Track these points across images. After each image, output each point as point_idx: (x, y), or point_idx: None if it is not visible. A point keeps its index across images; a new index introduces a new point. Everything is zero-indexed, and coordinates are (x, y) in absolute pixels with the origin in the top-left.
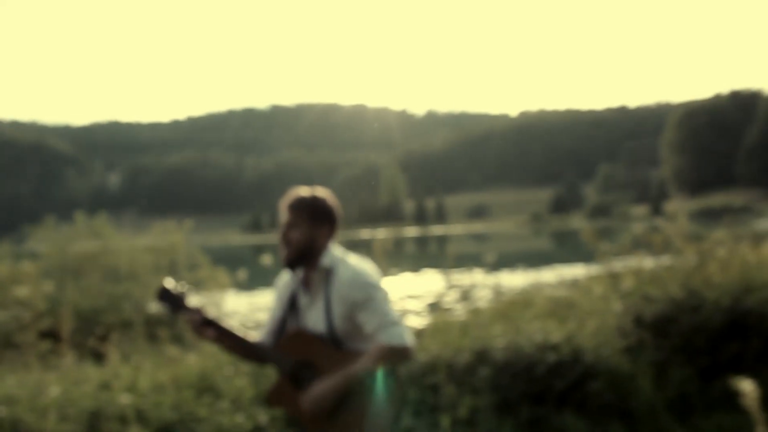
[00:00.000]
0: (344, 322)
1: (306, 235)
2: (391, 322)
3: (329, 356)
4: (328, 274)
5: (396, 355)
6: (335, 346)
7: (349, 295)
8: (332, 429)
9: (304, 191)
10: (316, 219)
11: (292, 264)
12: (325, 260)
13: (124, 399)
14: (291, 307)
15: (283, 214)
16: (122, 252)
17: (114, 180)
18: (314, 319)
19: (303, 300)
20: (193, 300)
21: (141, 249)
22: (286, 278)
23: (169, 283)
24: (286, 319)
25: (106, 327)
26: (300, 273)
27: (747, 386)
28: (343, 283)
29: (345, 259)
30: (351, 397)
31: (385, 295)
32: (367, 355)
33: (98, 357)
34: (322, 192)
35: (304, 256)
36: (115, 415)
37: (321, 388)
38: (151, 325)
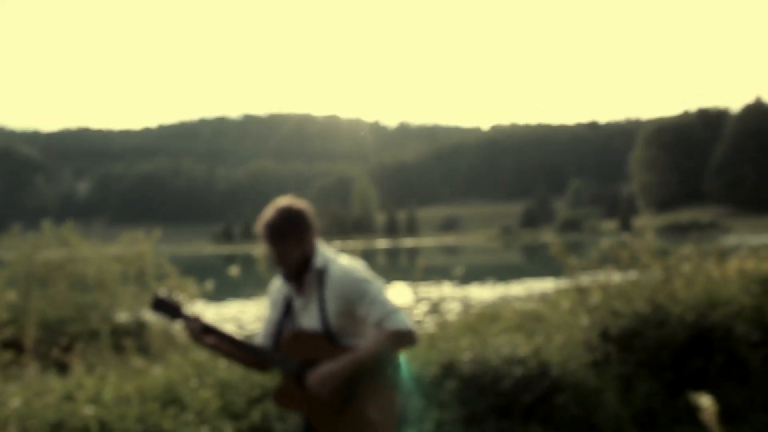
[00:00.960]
0: (339, 318)
1: (295, 252)
2: (392, 310)
3: (330, 353)
4: (321, 273)
5: (401, 339)
6: (333, 342)
7: (343, 292)
8: (341, 424)
9: (271, 213)
10: (297, 233)
11: (294, 278)
12: (318, 262)
13: (88, 410)
14: (286, 310)
15: (265, 241)
16: (90, 261)
17: (83, 187)
18: (309, 319)
19: (297, 302)
20: (189, 309)
21: (109, 258)
22: (278, 283)
23: (163, 292)
24: (282, 322)
25: (71, 337)
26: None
27: (706, 401)
28: (335, 281)
29: (335, 258)
30: (359, 391)
31: (378, 286)
32: (372, 339)
33: (62, 368)
34: (287, 203)
35: (302, 269)
36: (78, 427)
37: (328, 367)
38: (118, 335)
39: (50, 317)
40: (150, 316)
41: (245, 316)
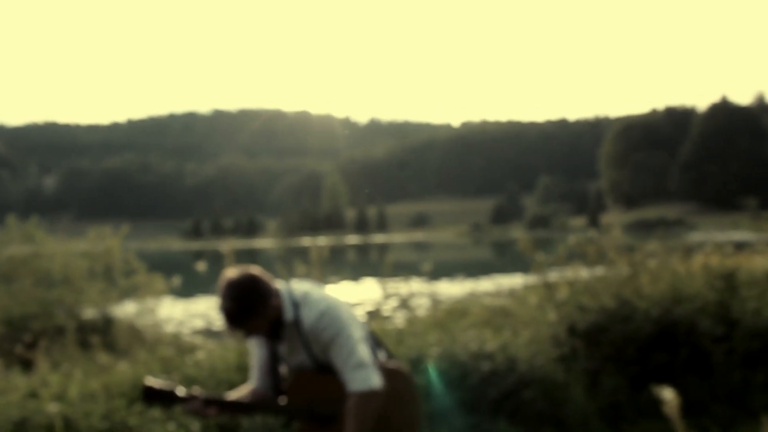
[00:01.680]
0: (326, 357)
1: (264, 323)
2: (356, 363)
3: (333, 383)
4: (296, 324)
5: (367, 399)
6: (331, 373)
7: (318, 337)
8: None
9: (223, 298)
10: (259, 308)
11: (270, 337)
12: (287, 316)
13: (52, 408)
14: (273, 356)
15: (230, 324)
16: (56, 257)
17: (50, 183)
18: (300, 360)
19: (282, 350)
20: (181, 389)
21: (75, 254)
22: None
23: (152, 381)
24: (272, 360)
25: (36, 334)
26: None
27: (668, 394)
28: (310, 329)
29: (307, 297)
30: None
31: (350, 333)
32: (348, 418)
33: (26, 365)
34: (236, 279)
35: (275, 330)
36: (43, 424)
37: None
38: (84, 332)
39: (14, 314)
40: (117, 312)
41: (214, 312)
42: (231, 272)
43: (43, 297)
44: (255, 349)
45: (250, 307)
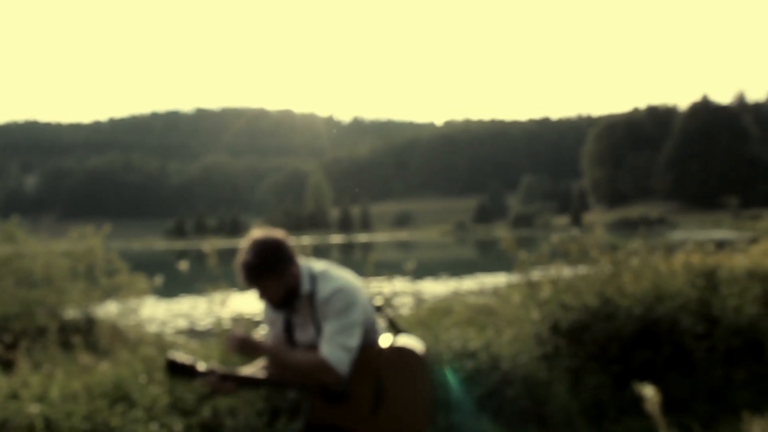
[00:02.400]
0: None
1: (280, 288)
2: (341, 343)
3: None
4: (310, 297)
5: (325, 373)
6: None
7: (326, 310)
8: (376, 425)
9: (246, 251)
10: (276, 270)
11: (282, 307)
12: (304, 288)
13: (33, 409)
14: (287, 327)
15: (246, 282)
16: (37, 257)
17: (31, 182)
18: (311, 335)
19: (296, 320)
20: (202, 364)
21: (57, 254)
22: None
23: (175, 355)
24: (288, 334)
25: (17, 334)
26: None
27: (649, 392)
28: (323, 303)
29: (325, 274)
30: (388, 392)
31: (354, 318)
32: (306, 355)
33: (7, 366)
34: (262, 237)
35: (289, 299)
36: (24, 425)
37: (251, 338)
38: (66, 332)
39: None
40: (100, 312)
41: (197, 312)
42: (258, 232)
43: (25, 297)
44: (269, 328)
45: (272, 265)
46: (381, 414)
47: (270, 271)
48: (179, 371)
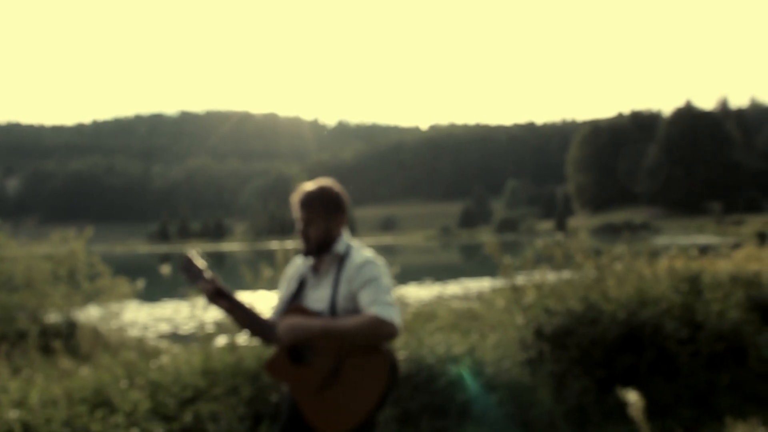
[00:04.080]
0: (346, 301)
1: (322, 228)
2: (386, 301)
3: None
4: (342, 259)
5: (381, 328)
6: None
7: (356, 276)
8: (320, 403)
9: (311, 186)
10: (329, 211)
11: (313, 255)
12: (340, 247)
13: (12, 414)
14: (299, 287)
15: (297, 211)
16: (18, 260)
17: (13, 185)
18: (317, 298)
19: (311, 281)
20: (209, 273)
21: (38, 257)
22: (298, 262)
23: (194, 255)
24: (292, 300)
25: None
26: (311, 259)
27: (632, 397)
28: (353, 266)
29: (360, 248)
30: (342, 373)
31: (388, 282)
32: (355, 317)
33: None
34: (328, 183)
35: (323, 247)
36: (2, 431)
37: (299, 321)
38: (47, 336)
39: None
40: (81, 316)
41: (179, 317)
42: (326, 179)
43: (5, 301)
44: (283, 290)
45: (328, 202)
46: (325, 394)
47: (324, 207)
48: (188, 270)
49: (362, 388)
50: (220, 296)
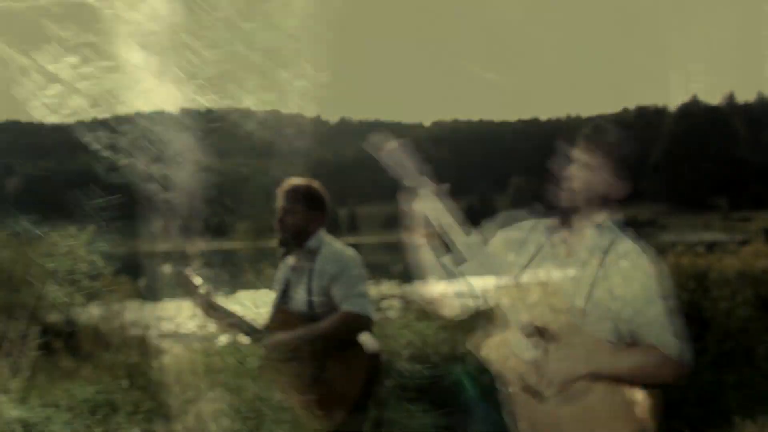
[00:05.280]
0: (321, 296)
1: (300, 220)
2: (358, 293)
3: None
4: (313, 254)
5: (356, 322)
6: (312, 322)
7: (327, 269)
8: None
9: (298, 180)
10: (309, 206)
11: (285, 244)
12: (312, 243)
13: (12, 414)
14: (285, 289)
15: (280, 200)
16: (18, 259)
17: (13, 183)
18: (298, 298)
19: (293, 281)
20: (204, 288)
21: (38, 255)
22: (283, 265)
23: (191, 272)
24: (279, 302)
25: None
26: (292, 258)
27: (638, 395)
28: (324, 260)
29: (333, 241)
30: (326, 367)
31: (360, 272)
32: (329, 318)
33: None
34: (314, 182)
35: (297, 238)
36: (2, 431)
37: (282, 336)
38: (47, 336)
39: None
40: (82, 316)
41: (181, 316)
42: (315, 181)
43: (5, 301)
44: (276, 289)
45: (309, 197)
46: (314, 390)
47: (305, 200)
48: (185, 284)
49: (345, 381)
50: (212, 309)
